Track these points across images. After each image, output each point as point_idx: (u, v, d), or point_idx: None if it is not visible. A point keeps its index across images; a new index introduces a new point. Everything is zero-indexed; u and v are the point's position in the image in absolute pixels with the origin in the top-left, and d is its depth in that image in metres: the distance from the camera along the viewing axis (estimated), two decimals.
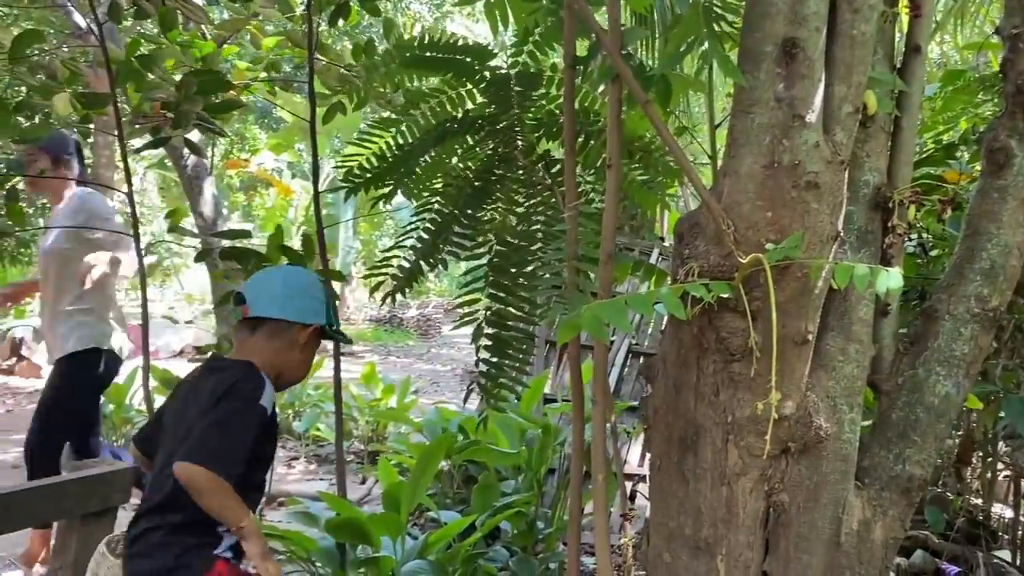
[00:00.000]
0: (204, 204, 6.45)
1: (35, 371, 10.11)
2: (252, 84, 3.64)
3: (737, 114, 1.50)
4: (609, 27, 1.65)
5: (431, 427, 4.50)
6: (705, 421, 1.63)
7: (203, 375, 1.99)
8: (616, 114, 1.67)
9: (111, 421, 6.35)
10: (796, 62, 1.44)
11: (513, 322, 2.40)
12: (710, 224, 1.53)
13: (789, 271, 1.48)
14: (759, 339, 1.50)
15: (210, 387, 1.88)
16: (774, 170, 1.46)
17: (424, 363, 14.42)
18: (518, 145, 2.60)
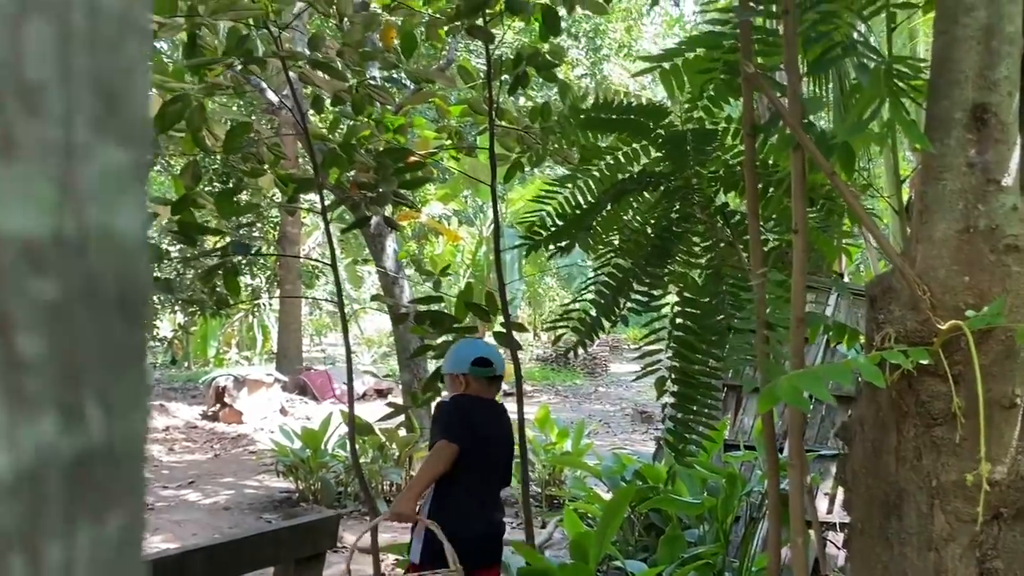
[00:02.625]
0: (387, 259, 6.88)
1: (237, 417, 10.97)
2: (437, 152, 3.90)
3: (928, 180, 1.51)
4: (789, 98, 1.70)
5: (610, 474, 4.56)
6: (908, 485, 1.62)
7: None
8: (800, 182, 1.71)
9: (308, 465, 6.81)
10: (988, 127, 1.44)
11: (699, 378, 2.44)
12: (904, 288, 1.54)
13: (992, 334, 1.46)
14: (962, 403, 1.49)
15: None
16: (970, 235, 1.46)
17: (593, 403, 14.47)
18: (696, 200, 2.66)
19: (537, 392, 15.69)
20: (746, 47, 1.83)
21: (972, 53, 1.45)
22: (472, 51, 10.44)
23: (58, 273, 0.24)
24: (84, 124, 0.25)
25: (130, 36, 0.26)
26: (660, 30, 17.52)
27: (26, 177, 0.24)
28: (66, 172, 0.25)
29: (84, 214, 0.25)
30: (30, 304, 0.24)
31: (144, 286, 0.27)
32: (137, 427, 0.27)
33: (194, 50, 2.86)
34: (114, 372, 0.26)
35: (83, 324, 0.25)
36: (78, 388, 0.25)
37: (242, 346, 18.02)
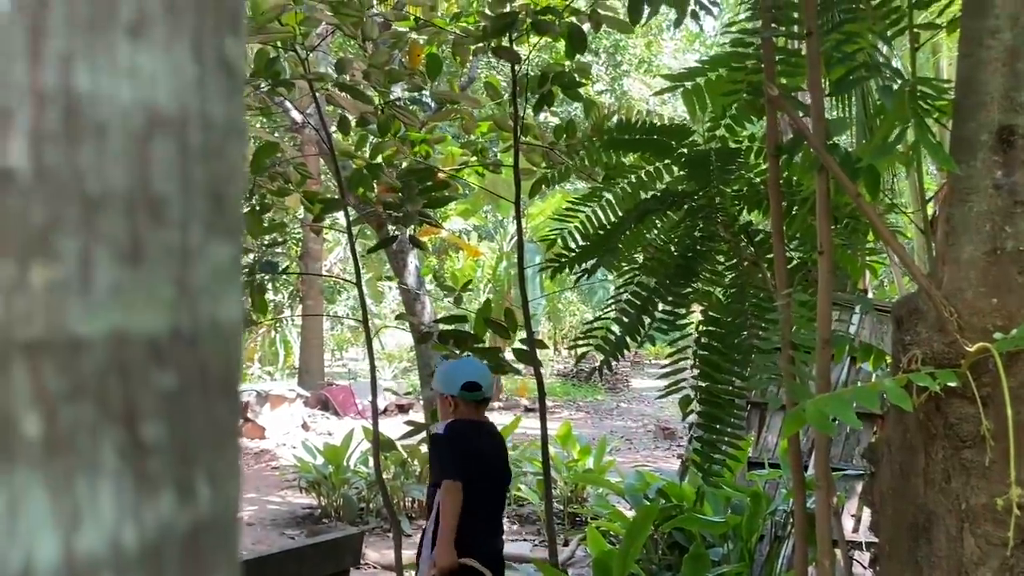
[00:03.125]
0: (409, 275, 6.91)
1: (259, 432, 11.03)
2: (463, 168, 3.93)
3: (954, 202, 1.51)
4: (813, 119, 1.71)
5: (633, 492, 4.54)
6: (937, 508, 1.61)
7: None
8: (825, 203, 1.71)
9: (330, 482, 6.84)
10: (1015, 149, 1.44)
11: (724, 397, 2.44)
12: (931, 310, 1.53)
13: (1021, 356, 1.46)
14: (991, 426, 1.48)
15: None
16: (997, 257, 1.46)
17: (615, 419, 14.41)
18: (720, 219, 2.66)
19: (558, 408, 15.65)
20: (769, 68, 1.84)
21: (997, 75, 1.45)
22: (495, 68, 10.49)
23: (176, 365, 0.26)
24: (198, 227, 0.27)
25: (233, 142, 0.28)
26: (681, 45, 17.55)
27: (150, 280, 0.26)
28: (183, 272, 0.27)
29: (197, 309, 0.27)
30: (153, 395, 0.25)
31: (240, 363, 0.29)
32: (233, 496, 0.29)
33: None
34: (218, 448, 0.28)
35: (195, 408, 0.27)
36: (191, 466, 0.26)
37: (264, 361, 18.13)
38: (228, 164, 0.28)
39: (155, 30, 0.26)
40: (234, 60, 0.28)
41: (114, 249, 0.25)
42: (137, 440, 0.25)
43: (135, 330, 0.25)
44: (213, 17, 0.27)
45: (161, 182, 0.26)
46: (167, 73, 0.26)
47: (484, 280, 20.17)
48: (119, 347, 0.25)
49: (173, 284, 0.26)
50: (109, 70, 0.25)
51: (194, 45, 0.27)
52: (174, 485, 0.26)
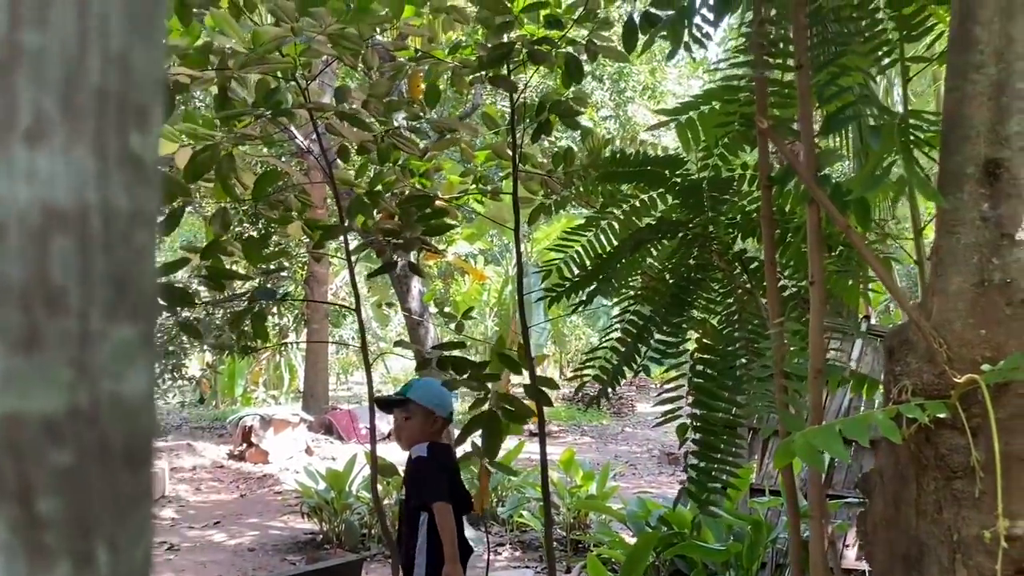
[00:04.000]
0: (412, 300, 6.94)
1: (263, 457, 11.01)
2: (463, 196, 3.96)
3: (942, 233, 1.52)
4: (804, 151, 1.73)
5: (635, 519, 4.52)
6: (929, 539, 1.61)
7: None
8: (816, 234, 1.73)
9: (332, 507, 6.82)
10: (1001, 182, 1.46)
11: (720, 425, 2.44)
12: (921, 341, 1.54)
13: (1010, 388, 1.46)
14: (981, 457, 1.48)
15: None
16: (985, 288, 1.47)
17: (620, 444, 14.35)
18: (714, 247, 2.68)
19: (563, 432, 15.59)
20: (761, 102, 1.86)
21: (983, 109, 1.47)
22: (498, 95, 10.60)
23: (73, 441, 0.28)
24: (99, 312, 0.29)
25: (139, 227, 0.30)
26: (685, 71, 17.66)
27: (46, 364, 0.27)
28: (81, 355, 0.28)
29: (97, 388, 0.28)
30: (48, 472, 0.27)
31: (149, 435, 0.31)
32: (140, 561, 0.30)
33: (225, 102, 2.94)
34: (121, 517, 0.29)
35: (94, 481, 0.28)
36: (89, 537, 0.28)
37: (269, 385, 18.13)
38: (134, 250, 0.30)
39: (54, 133, 0.28)
40: (142, 152, 0.30)
41: (8, 338, 0.26)
42: (31, 515, 0.26)
43: (29, 412, 0.27)
44: (116, 116, 0.29)
45: (59, 273, 0.28)
46: (66, 172, 0.28)
47: (490, 304, 20.19)
48: (13, 428, 0.26)
49: (70, 367, 0.28)
50: (6, 175, 0.27)
51: (95, 143, 0.29)
52: (70, 555, 0.27)
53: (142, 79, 0.29)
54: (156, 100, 0.30)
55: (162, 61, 0.31)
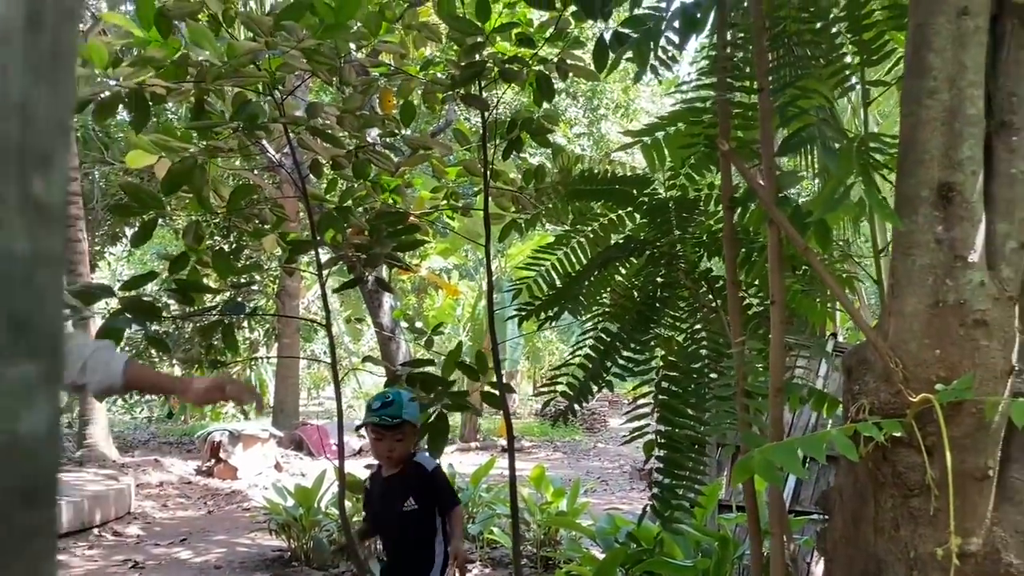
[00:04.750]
0: (383, 316, 6.91)
1: (231, 473, 10.88)
2: (434, 212, 3.96)
3: (898, 255, 1.55)
4: (764, 173, 1.76)
5: (604, 535, 4.53)
6: (887, 556, 1.63)
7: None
8: (776, 254, 1.75)
9: (301, 524, 6.75)
10: (954, 205, 1.49)
11: (685, 442, 2.46)
12: (878, 361, 1.57)
13: (963, 407, 1.49)
14: (936, 475, 1.51)
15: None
16: (939, 309, 1.50)
17: (592, 459, 14.35)
18: (681, 266, 2.71)
19: (536, 448, 15.57)
20: (724, 125, 1.89)
21: (937, 134, 1.50)
22: (471, 112, 10.64)
23: None
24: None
25: (41, 269, 0.30)
26: (658, 90, 17.84)
27: None
28: None
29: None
30: None
31: (51, 472, 0.31)
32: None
33: (201, 114, 2.93)
34: (19, 551, 0.29)
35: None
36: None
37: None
38: (35, 291, 0.30)
39: None
40: (45, 197, 0.31)
41: None
42: None
43: None
44: (16, 164, 0.30)
45: None
46: None
47: (464, 319, 20.15)
48: None
49: None
50: None
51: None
52: None
53: (45, 126, 0.30)
54: (61, 145, 0.31)
55: (69, 106, 0.31)
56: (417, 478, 3.19)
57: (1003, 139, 1.53)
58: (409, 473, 3.19)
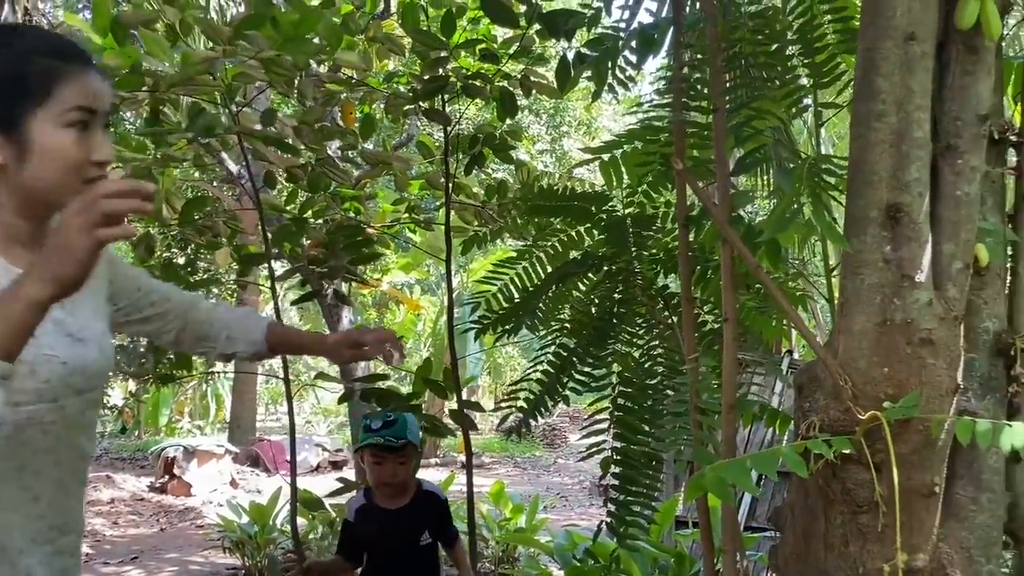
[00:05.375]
0: (343, 329, 6.86)
1: (185, 489, 10.68)
2: (395, 225, 3.95)
3: (847, 275, 1.57)
4: (718, 193, 1.78)
5: (562, 552, 4.52)
6: (837, 572, 1.64)
7: None
8: (729, 272, 1.77)
9: (255, 542, 6.65)
10: (901, 225, 1.52)
11: (639, 459, 2.46)
12: (828, 378, 1.59)
13: (910, 424, 1.51)
14: (884, 491, 1.53)
15: None
16: (887, 328, 1.52)
17: (552, 475, 14.35)
18: (638, 283, 2.72)
19: (496, 464, 15.52)
20: (679, 144, 1.91)
21: (885, 156, 1.53)
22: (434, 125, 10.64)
23: None
24: None
25: None
26: (620, 108, 18.03)
27: None
28: None
29: None
30: None
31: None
32: None
33: (156, 124, 2.89)
34: None
35: None
36: None
37: (195, 415, 17.65)
38: None
39: None
40: None
41: None
42: None
43: None
44: None
45: None
46: None
47: (426, 334, 20.07)
48: None
49: None
50: None
51: None
52: None
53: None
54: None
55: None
56: (431, 508, 2.99)
57: (949, 162, 1.56)
58: (421, 503, 2.96)
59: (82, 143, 1.37)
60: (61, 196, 1.36)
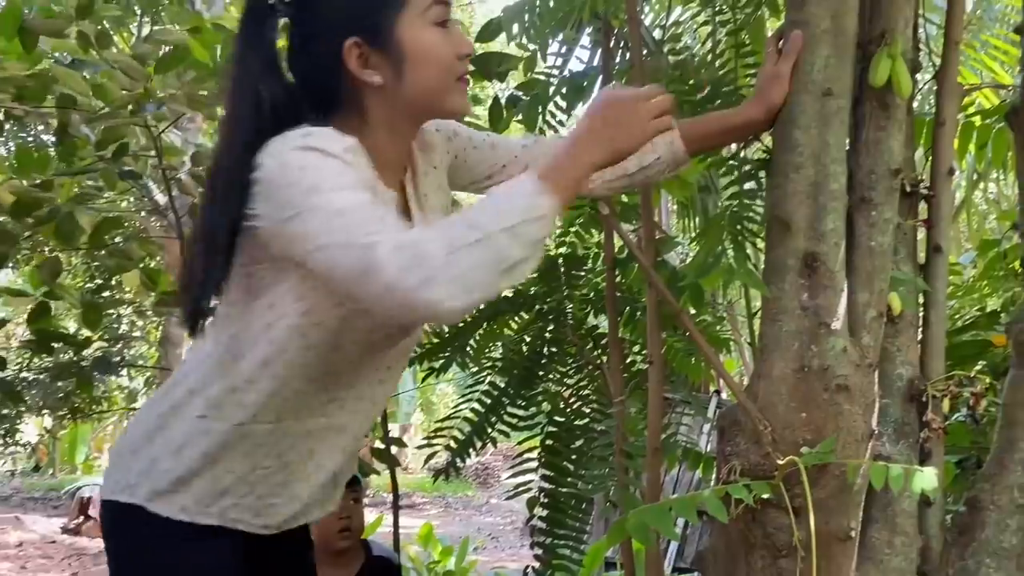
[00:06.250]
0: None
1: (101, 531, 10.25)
2: None
3: (766, 321, 1.61)
4: (643, 237, 1.80)
5: None
6: None
7: None
8: (654, 315, 1.79)
9: None
10: (818, 274, 1.56)
11: (567, 500, 2.46)
12: (748, 423, 1.61)
13: (827, 469, 1.54)
14: (803, 536, 1.55)
15: None
16: (805, 374, 1.55)
17: (484, 515, 14.21)
18: (569, 323, 2.74)
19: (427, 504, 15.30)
20: None
21: (803, 207, 1.58)
22: None
23: None
24: None
25: None
26: None
27: None
28: None
29: None
30: None
31: None
32: None
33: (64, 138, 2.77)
34: None
35: None
36: None
37: None
38: None
39: None
40: None
41: None
42: None
43: None
44: None
45: None
46: None
47: None
48: None
49: None
50: None
51: None
52: None
53: None
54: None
55: None
56: (379, 570, 2.59)
57: (863, 214, 1.62)
58: (374, 567, 2.59)
59: (447, 39, 1.33)
60: (439, 98, 1.34)
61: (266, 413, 1.35)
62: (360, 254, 1.11)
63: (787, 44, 1.55)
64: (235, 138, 1.29)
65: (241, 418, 1.34)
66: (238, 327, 1.32)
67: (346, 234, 1.13)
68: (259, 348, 1.31)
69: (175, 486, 1.35)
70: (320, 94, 1.35)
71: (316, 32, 1.34)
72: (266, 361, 1.32)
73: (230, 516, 1.38)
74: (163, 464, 1.36)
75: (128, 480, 1.38)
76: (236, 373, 1.33)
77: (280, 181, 1.19)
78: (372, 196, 1.20)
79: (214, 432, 1.34)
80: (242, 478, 1.37)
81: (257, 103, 1.30)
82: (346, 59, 1.30)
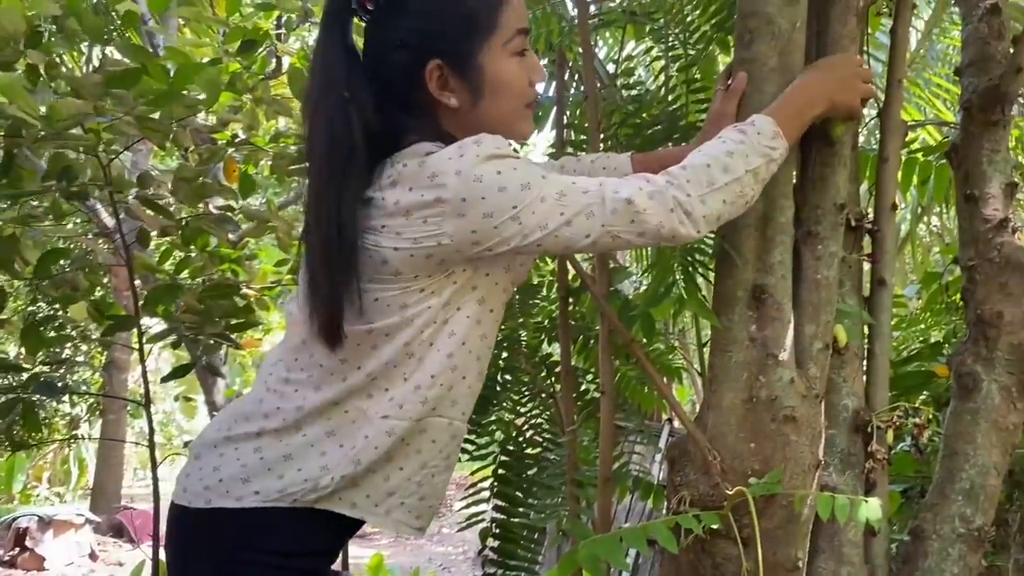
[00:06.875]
0: (217, 393, 6.58)
1: (38, 563, 9.88)
2: (276, 287, 3.84)
3: (716, 351, 1.62)
4: (597, 269, 1.81)
5: None
6: None
7: None
8: (606, 345, 1.80)
9: None
10: (766, 306, 1.58)
11: (519, 530, 2.44)
12: (698, 453, 1.62)
13: (775, 500, 1.55)
14: (751, 567, 1.55)
15: None
16: (753, 404, 1.57)
17: (435, 545, 14.02)
18: (523, 350, 2.73)
19: (377, 534, 15.06)
20: None
21: (751, 240, 1.60)
22: None
23: None
24: None
25: None
26: None
27: None
28: None
29: None
30: None
31: None
32: None
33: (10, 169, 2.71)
34: None
35: None
36: None
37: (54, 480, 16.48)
38: None
39: None
40: None
41: None
42: None
43: None
44: None
45: None
46: None
47: None
48: None
49: None
50: None
51: None
52: None
53: None
54: None
55: None
56: None
57: (810, 247, 1.65)
58: None
59: (524, 67, 1.38)
60: (509, 124, 1.40)
61: (443, 406, 1.41)
62: (614, 207, 1.28)
63: (733, 83, 1.59)
64: (337, 138, 1.32)
65: (423, 413, 1.38)
66: (409, 333, 1.35)
67: (583, 203, 1.28)
68: (441, 343, 1.37)
69: (343, 484, 1.37)
70: (399, 100, 1.38)
71: (401, 43, 1.36)
72: (450, 354, 1.37)
73: (394, 516, 1.43)
74: (337, 467, 1.37)
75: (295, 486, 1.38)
76: (420, 372, 1.36)
77: (479, 193, 1.24)
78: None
79: (397, 430, 1.37)
80: (409, 477, 1.42)
81: (343, 104, 1.32)
82: (427, 79, 1.35)
